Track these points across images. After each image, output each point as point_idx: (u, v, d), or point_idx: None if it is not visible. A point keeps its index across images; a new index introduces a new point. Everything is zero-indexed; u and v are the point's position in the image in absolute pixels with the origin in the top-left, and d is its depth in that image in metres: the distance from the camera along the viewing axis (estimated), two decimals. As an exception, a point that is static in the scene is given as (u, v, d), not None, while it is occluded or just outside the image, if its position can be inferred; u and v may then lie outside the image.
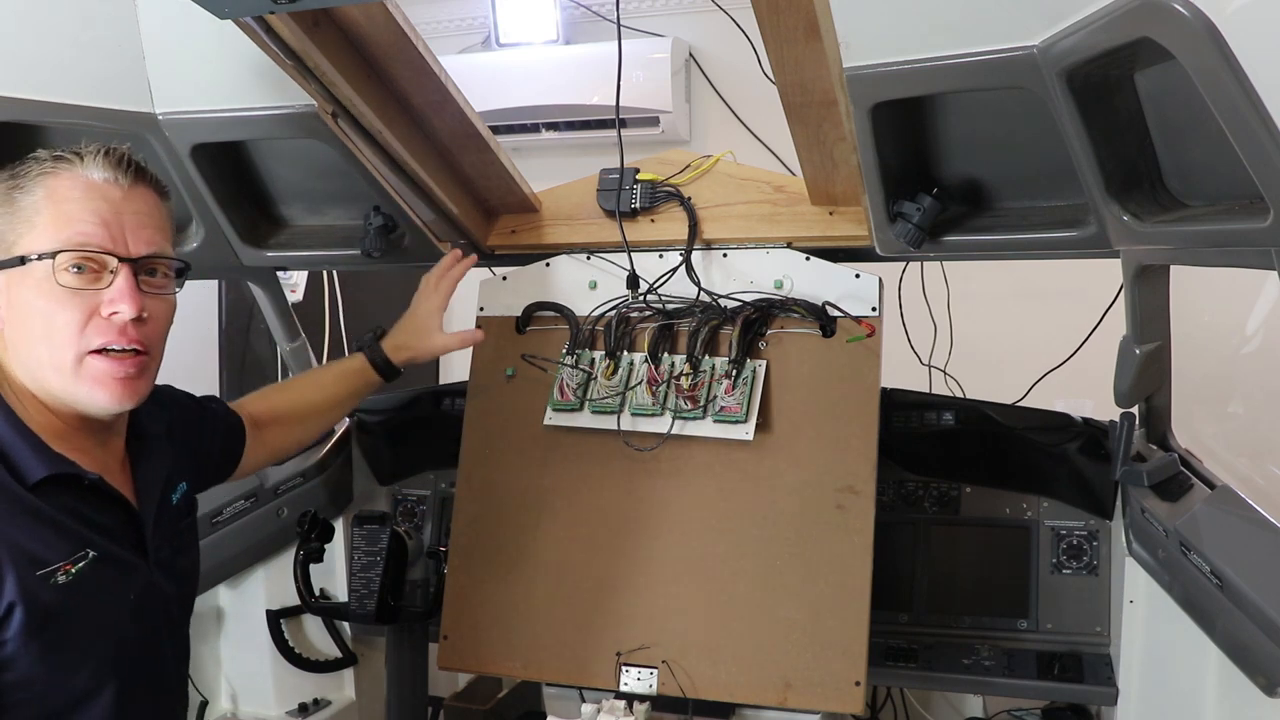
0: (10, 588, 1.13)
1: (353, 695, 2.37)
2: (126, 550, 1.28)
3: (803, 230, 1.86)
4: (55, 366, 1.21)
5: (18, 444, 1.20)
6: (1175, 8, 0.90)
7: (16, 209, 1.22)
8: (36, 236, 1.20)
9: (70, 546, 1.20)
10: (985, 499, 2.06)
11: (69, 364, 1.21)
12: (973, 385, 2.33)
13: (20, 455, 1.19)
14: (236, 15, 1.33)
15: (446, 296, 1.85)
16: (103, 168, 1.23)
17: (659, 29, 3.53)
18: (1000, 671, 1.92)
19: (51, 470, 1.20)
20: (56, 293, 1.19)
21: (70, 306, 1.20)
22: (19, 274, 1.20)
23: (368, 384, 1.83)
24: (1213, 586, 1.42)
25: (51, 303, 1.20)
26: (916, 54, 1.23)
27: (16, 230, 1.21)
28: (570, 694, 1.84)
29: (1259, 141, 0.91)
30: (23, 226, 1.21)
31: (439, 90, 1.66)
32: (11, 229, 1.22)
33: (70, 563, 1.19)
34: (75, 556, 1.19)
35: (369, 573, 1.89)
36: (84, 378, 1.22)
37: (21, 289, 1.21)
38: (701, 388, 1.82)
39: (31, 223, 1.21)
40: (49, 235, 1.20)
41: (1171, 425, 1.82)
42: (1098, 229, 1.40)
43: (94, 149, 1.24)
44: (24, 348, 1.23)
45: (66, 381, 1.22)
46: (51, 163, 1.23)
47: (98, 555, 1.22)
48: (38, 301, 1.20)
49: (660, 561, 1.81)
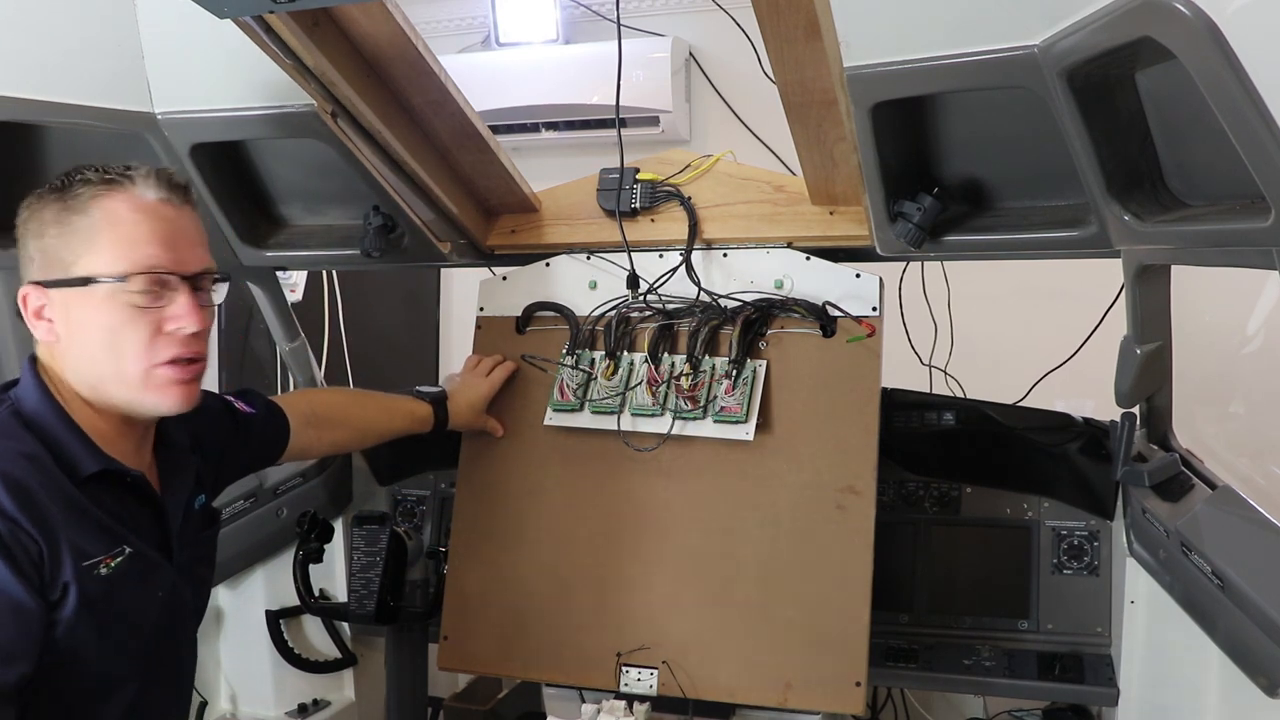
0: (67, 570, 1.21)
1: (352, 696, 2.37)
2: (154, 550, 1.35)
3: (803, 230, 1.86)
4: (121, 379, 1.28)
5: (72, 442, 1.27)
6: (1176, 7, 0.90)
7: (73, 229, 1.27)
8: (99, 258, 1.26)
9: (110, 541, 1.27)
10: (986, 499, 2.05)
11: (137, 376, 1.28)
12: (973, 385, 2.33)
13: (73, 452, 1.26)
14: (236, 15, 1.33)
15: (495, 387, 1.95)
16: (156, 189, 1.29)
17: (659, 29, 3.53)
18: (1001, 672, 1.92)
19: (100, 467, 1.27)
20: (125, 312, 1.26)
21: (139, 324, 1.27)
22: (81, 293, 1.26)
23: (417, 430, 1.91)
24: (1214, 587, 1.42)
25: (119, 320, 1.26)
26: (917, 53, 1.22)
27: (74, 250, 1.27)
28: (570, 694, 1.84)
29: (1260, 141, 0.90)
30: (81, 247, 1.26)
31: (439, 90, 1.66)
32: (68, 249, 1.27)
33: (110, 557, 1.26)
34: (114, 551, 1.27)
35: (369, 573, 1.88)
36: (151, 387, 1.29)
37: (84, 307, 1.27)
38: (701, 388, 1.82)
39: (91, 243, 1.26)
40: (114, 256, 1.26)
41: (1172, 425, 1.81)
42: (1098, 229, 1.40)
43: (144, 170, 1.30)
44: (84, 360, 1.29)
45: (133, 391, 1.29)
46: (103, 185, 1.27)
47: (133, 552, 1.29)
48: (103, 319, 1.26)
49: (660, 562, 1.80)
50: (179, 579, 1.39)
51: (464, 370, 1.99)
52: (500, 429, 1.95)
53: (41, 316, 1.30)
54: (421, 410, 1.90)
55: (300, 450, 1.79)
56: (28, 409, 1.28)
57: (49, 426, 1.27)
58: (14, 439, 1.24)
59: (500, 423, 1.95)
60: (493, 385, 1.94)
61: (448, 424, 1.92)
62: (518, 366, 1.97)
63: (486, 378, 1.95)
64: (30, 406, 1.28)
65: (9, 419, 1.26)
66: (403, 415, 1.89)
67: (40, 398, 1.28)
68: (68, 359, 1.30)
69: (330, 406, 1.86)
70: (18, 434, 1.25)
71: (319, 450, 1.91)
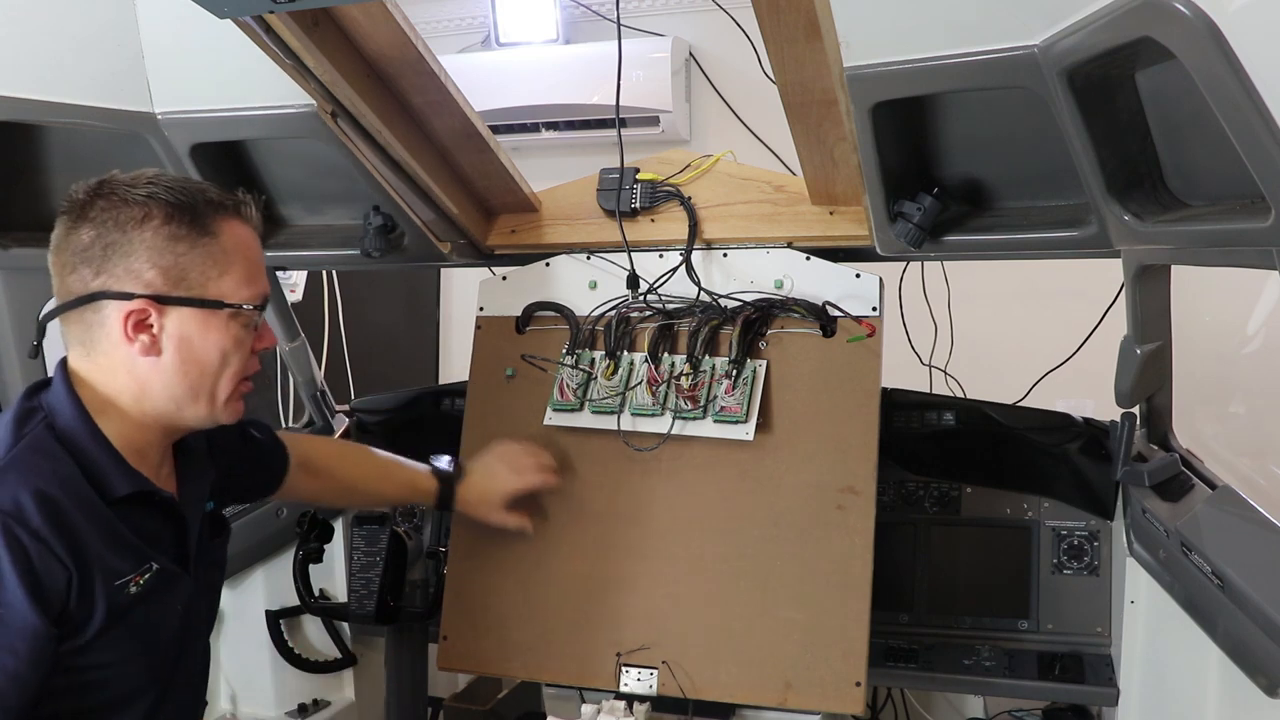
0: (99, 591, 1.22)
1: (352, 696, 2.37)
2: (174, 563, 1.36)
3: (803, 230, 1.86)
4: (212, 397, 1.33)
5: (106, 462, 1.27)
6: (1176, 7, 0.90)
7: (205, 251, 1.29)
8: (232, 284, 1.31)
9: (138, 559, 1.28)
10: (986, 499, 2.06)
11: (226, 394, 1.34)
12: (973, 385, 2.33)
13: (107, 472, 1.27)
14: (236, 15, 1.32)
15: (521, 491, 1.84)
16: (256, 220, 1.37)
17: (659, 29, 3.53)
18: (1001, 672, 1.92)
19: (133, 489, 1.28)
20: (241, 334, 1.33)
21: (245, 346, 1.34)
22: (204, 313, 1.30)
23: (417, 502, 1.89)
24: (1214, 587, 1.42)
25: (234, 343, 1.32)
26: (917, 53, 1.22)
27: (205, 272, 1.29)
28: (570, 695, 1.84)
29: (1260, 141, 0.90)
30: (213, 270, 1.30)
31: (439, 90, 1.66)
32: (198, 269, 1.29)
33: (139, 575, 1.28)
34: (142, 569, 1.28)
35: (368, 573, 1.88)
36: (230, 403, 1.35)
37: (204, 327, 1.30)
38: (702, 388, 1.81)
39: (223, 268, 1.30)
40: (243, 285, 1.32)
41: (1172, 425, 1.81)
42: (1098, 229, 1.40)
43: (248, 199, 1.36)
44: (180, 376, 1.30)
45: (213, 409, 1.34)
46: (225, 208, 1.32)
47: (158, 568, 1.31)
48: (222, 340, 1.31)
49: (660, 562, 1.80)
50: (195, 589, 1.41)
51: (497, 452, 1.86)
52: (528, 526, 1.84)
53: (145, 331, 1.27)
54: (425, 484, 1.82)
55: (291, 491, 1.75)
56: (62, 424, 1.26)
57: (84, 445, 1.26)
58: (50, 458, 1.23)
59: (499, 420, 1.93)
60: (519, 487, 1.82)
61: (452, 507, 1.83)
62: (556, 483, 1.85)
63: (518, 475, 1.82)
64: (65, 422, 1.27)
65: (45, 435, 1.25)
66: (400, 484, 1.83)
67: (75, 413, 1.27)
68: (157, 374, 1.29)
69: (324, 456, 1.81)
70: (54, 452, 1.24)
71: (306, 496, 1.86)
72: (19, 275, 1.94)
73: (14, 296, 1.95)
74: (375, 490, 1.87)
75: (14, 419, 1.27)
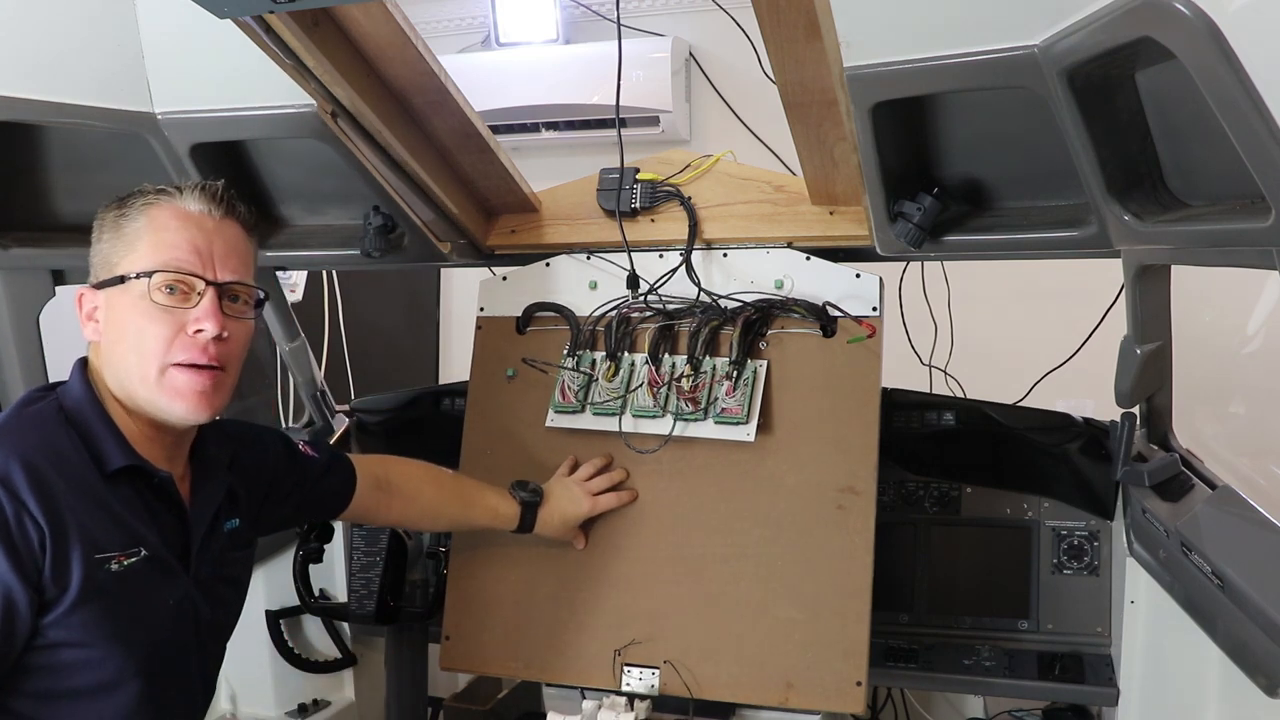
0: (76, 559, 1.24)
1: (352, 696, 2.37)
2: (171, 557, 1.37)
3: (803, 230, 1.86)
4: (141, 377, 1.34)
5: (105, 436, 1.33)
6: (1176, 7, 0.90)
7: (121, 235, 1.37)
8: (136, 258, 1.35)
9: (127, 540, 1.30)
10: (986, 499, 2.06)
11: (154, 375, 1.33)
12: (973, 385, 2.33)
13: (104, 445, 1.32)
14: (236, 15, 1.32)
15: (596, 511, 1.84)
16: (198, 200, 1.38)
17: (659, 29, 3.53)
18: (1001, 672, 1.92)
19: (128, 462, 1.32)
20: (150, 309, 1.33)
21: (161, 322, 1.33)
22: (118, 291, 1.35)
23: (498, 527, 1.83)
24: (1214, 587, 1.42)
25: (144, 318, 1.33)
26: (917, 53, 1.22)
27: (119, 253, 1.36)
28: (571, 694, 1.84)
29: (1260, 141, 0.90)
30: (125, 250, 1.36)
31: (439, 90, 1.66)
32: (115, 252, 1.37)
33: (124, 554, 1.29)
34: (129, 550, 1.30)
35: (369, 573, 1.89)
36: (165, 388, 1.33)
37: (119, 306, 1.35)
38: (702, 389, 1.81)
39: (133, 246, 1.35)
40: (147, 257, 1.34)
41: (1172, 425, 1.81)
42: (1098, 229, 1.40)
43: (192, 185, 1.40)
44: (116, 358, 1.36)
45: (150, 391, 1.34)
46: (154, 195, 1.37)
47: (148, 555, 1.32)
48: (132, 316, 1.34)
49: (661, 562, 1.80)
50: (195, 591, 1.40)
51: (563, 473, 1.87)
52: (584, 541, 1.86)
53: (92, 318, 1.38)
54: (507, 509, 1.81)
55: (364, 512, 1.75)
56: (69, 403, 1.35)
57: (86, 420, 1.33)
58: (44, 429, 1.30)
59: (500, 421, 1.95)
60: (594, 508, 1.82)
61: (533, 530, 1.82)
62: (633, 499, 1.85)
63: (593, 496, 1.83)
64: (72, 401, 1.35)
65: (51, 411, 1.33)
66: (484, 510, 1.81)
67: (83, 393, 1.35)
68: (108, 358, 1.37)
69: (405, 477, 1.80)
70: (54, 426, 1.31)
71: (385, 518, 1.83)
72: (19, 275, 1.94)
73: (14, 296, 1.95)
74: (459, 515, 1.83)
75: (21, 401, 1.37)
